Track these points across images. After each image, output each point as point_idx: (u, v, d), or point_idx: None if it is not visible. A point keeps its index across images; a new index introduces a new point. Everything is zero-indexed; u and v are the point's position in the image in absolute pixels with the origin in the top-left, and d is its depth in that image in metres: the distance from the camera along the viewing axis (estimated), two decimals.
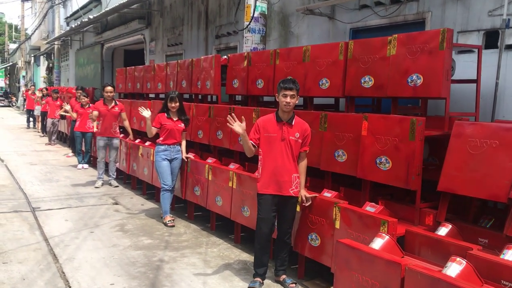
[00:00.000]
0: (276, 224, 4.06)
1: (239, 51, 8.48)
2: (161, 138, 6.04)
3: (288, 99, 3.88)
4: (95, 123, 9.95)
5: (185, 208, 6.55)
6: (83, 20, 14.47)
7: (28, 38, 32.75)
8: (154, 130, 6.00)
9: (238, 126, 3.92)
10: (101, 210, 6.63)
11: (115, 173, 8.35)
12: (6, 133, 17.62)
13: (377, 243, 2.99)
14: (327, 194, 4.13)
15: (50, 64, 27.95)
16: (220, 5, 9.21)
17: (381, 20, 5.56)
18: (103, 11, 13.30)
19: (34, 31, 27.73)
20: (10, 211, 6.41)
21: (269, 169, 3.93)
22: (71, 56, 21.97)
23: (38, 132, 17.68)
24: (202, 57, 6.84)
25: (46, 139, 15.08)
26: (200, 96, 7.39)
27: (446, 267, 2.59)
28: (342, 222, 3.63)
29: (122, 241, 5.23)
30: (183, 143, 6.22)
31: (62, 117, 14.06)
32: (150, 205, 7.01)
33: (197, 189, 5.88)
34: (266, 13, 6.65)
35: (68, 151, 12.64)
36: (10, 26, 51.40)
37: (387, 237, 3.02)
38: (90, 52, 18.13)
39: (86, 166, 10.11)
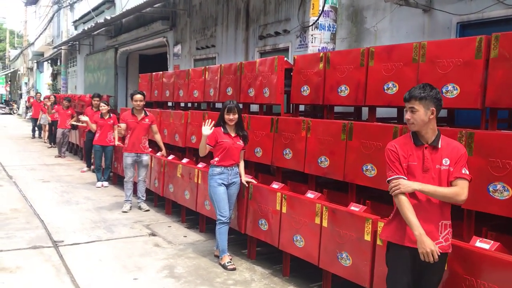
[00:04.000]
0: None
1: (291, 53, 7.36)
2: (216, 159, 4.90)
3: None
4: (116, 135, 8.89)
5: (238, 240, 5.39)
6: (97, 21, 13.33)
7: (31, 43, 31.66)
8: (208, 148, 4.86)
9: None
10: (137, 244, 5.46)
11: (144, 195, 7.19)
12: (10, 143, 16.47)
13: None
14: (483, 244, 2.98)
15: (55, 71, 26.87)
16: (265, 0, 8.07)
17: (508, 10, 4.44)
18: (121, 11, 12.18)
19: (39, 35, 26.64)
20: (28, 246, 5.24)
21: None
22: (79, 62, 20.82)
23: (45, 142, 16.55)
24: (257, 60, 5.71)
25: (54, 151, 13.95)
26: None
27: None
28: None
29: None
30: (241, 164, 5.08)
31: (73, 127, 12.94)
32: (194, 236, 5.85)
33: (263, 222, 4.72)
34: (337, 7, 5.51)
35: (82, 165, 11.48)
36: (12, 32, 50.42)
37: None
38: (101, 57, 16.99)
39: (106, 184, 8.96)
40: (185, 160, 6.69)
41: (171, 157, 7.14)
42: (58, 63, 25.20)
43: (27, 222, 6.25)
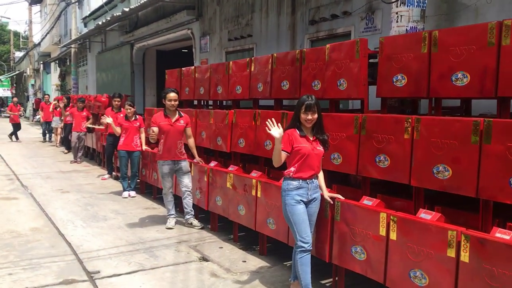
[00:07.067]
0: None
1: (354, 38, 6.32)
2: (291, 169, 3.87)
3: None
4: (143, 139, 7.97)
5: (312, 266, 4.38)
6: (113, 14, 12.31)
7: (37, 44, 30.74)
8: (284, 156, 3.85)
9: None
10: (190, 274, 4.48)
11: (192, 209, 6.13)
12: (21, 148, 15.60)
13: None
14: None
15: (63, 71, 25.96)
16: None
17: None
18: (138, 3, 11.16)
19: (45, 35, 25.68)
20: (58, 281, 4.26)
21: None
22: (90, 61, 19.81)
23: (57, 146, 15.66)
24: (327, 46, 4.68)
25: (69, 156, 13.04)
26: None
27: None
28: None
29: None
30: (321, 175, 4.07)
31: (89, 130, 12.01)
32: (254, 260, 4.84)
33: (358, 250, 3.71)
34: None
35: (101, 171, 10.55)
36: (16, 34, 49.54)
37: None
38: (115, 54, 15.95)
39: (133, 193, 7.99)
40: (232, 168, 5.71)
41: (213, 163, 6.15)
42: (67, 63, 24.29)
43: (52, 246, 5.28)
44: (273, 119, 3.87)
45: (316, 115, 3.86)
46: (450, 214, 3.56)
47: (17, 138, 17.75)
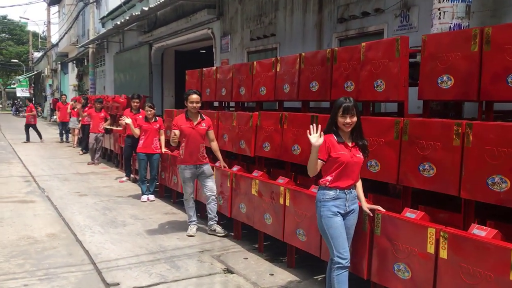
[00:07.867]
0: None
1: (387, 37, 5.98)
2: (328, 178, 3.56)
3: None
4: (163, 141, 7.76)
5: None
6: (132, 14, 12.12)
7: (55, 44, 30.87)
8: (320, 165, 3.53)
9: None
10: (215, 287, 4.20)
11: (216, 215, 5.85)
12: (38, 148, 15.52)
13: None
14: None
15: (81, 71, 25.98)
16: None
17: None
18: (157, 2, 10.94)
19: (63, 35, 25.73)
20: None
21: None
22: (108, 61, 19.72)
23: (74, 147, 15.55)
24: (363, 44, 4.37)
25: (86, 157, 12.89)
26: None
27: None
28: None
29: None
30: (359, 184, 3.75)
31: (107, 131, 11.84)
32: (282, 273, 4.53)
33: (402, 268, 3.38)
34: None
35: (119, 173, 10.36)
36: (34, 34, 50.05)
37: None
38: (134, 54, 15.79)
39: (152, 197, 7.75)
40: (256, 173, 5.41)
41: (235, 168, 5.88)
42: (85, 63, 24.29)
43: (70, 254, 5.05)
44: (319, 125, 3.52)
45: (355, 118, 3.54)
46: (504, 229, 3.21)
47: (34, 138, 17.45)
